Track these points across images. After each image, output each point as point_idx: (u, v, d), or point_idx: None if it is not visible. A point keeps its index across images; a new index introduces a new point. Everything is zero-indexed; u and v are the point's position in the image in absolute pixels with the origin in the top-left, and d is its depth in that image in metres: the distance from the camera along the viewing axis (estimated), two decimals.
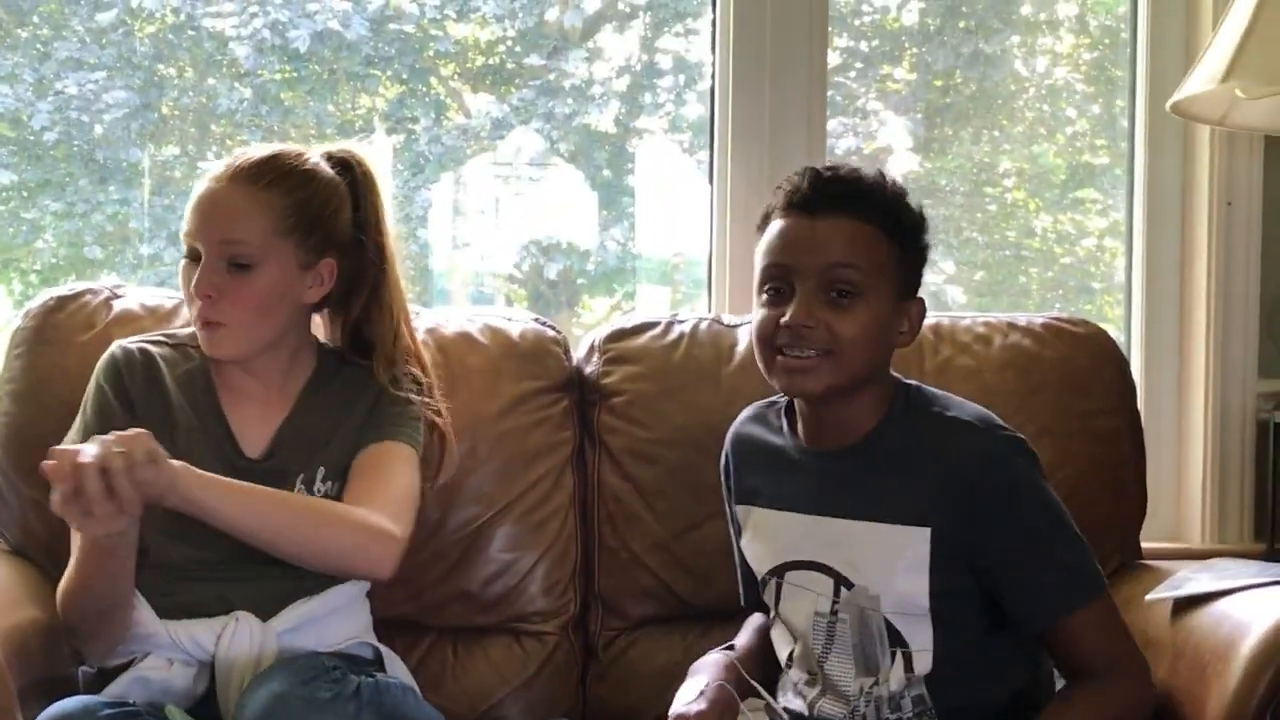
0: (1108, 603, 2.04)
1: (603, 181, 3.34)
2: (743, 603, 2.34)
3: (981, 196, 3.42)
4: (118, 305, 2.57)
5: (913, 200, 2.09)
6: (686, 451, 2.62)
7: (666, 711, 2.60)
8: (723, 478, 2.31)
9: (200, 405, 2.30)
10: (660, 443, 2.64)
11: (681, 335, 2.73)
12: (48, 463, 1.90)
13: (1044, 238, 3.50)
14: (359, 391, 2.36)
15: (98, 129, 3.16)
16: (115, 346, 2.33)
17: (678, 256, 3.45)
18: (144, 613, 2.21)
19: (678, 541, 2.61)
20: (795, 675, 2.11)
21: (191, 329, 2.33)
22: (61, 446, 1.93)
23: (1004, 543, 1.98)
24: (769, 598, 2.15)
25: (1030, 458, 2.03)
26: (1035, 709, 2.05)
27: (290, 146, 2.34)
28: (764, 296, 2.04)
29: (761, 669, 2.23)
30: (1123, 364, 2.73)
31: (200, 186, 2.27)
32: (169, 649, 2.20)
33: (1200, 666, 2.21)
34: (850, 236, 2.00)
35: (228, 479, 2.11)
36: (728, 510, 2.32)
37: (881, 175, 2.07)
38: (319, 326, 2.45)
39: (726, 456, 2.28)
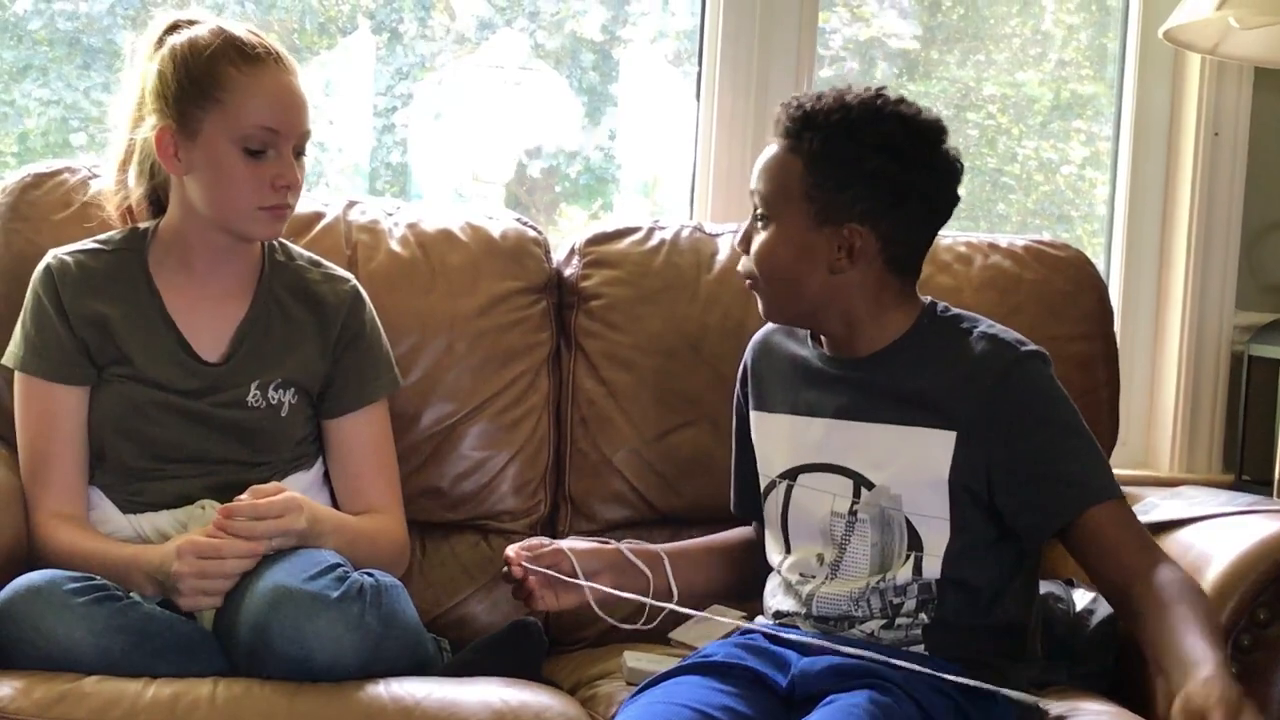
0: (1128, 506, 2.01)
1: (588, 86, 3.31)
2: (734, 510, 2.33)
3: (964, 121, 3.41)
4: (95, 184, 2.51)
5: None
6: (662, 359, 2.63)
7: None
8: (739, 385, 2.28)
9: (147, 311, 2.26)
10: (636, 348, 2.64)
11: (663, 242, 2.72)
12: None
13: (1024, 164, 3.49)
14: (319, 306, 2.33)
15: (83, 8, 3.11)
16: (50, 257, 2.28)
17: (658, 170, 3.43)
18: (107, 508, 2.22)
19: (649, 447, 2.62)
20: (789, 575, 2.10)
21: (118, 232, 2.32)
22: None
23: (1027, 447, 1.98)
24: (774, 502, 2.14)
25: (1049, 367, 2.04)
26: (1024, 641, 2.07)
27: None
28: None
29: (724, 570, 2.29)
30: (1102, 289, 2.75)
31: (270, 77, 2.19)
32: (132, 541, 2.19)
33: None
34: None
35: (337, 518, 2.23)
36: (737, 416, 2.29)
37: None
38: None
39: (747, 363, 2.26)
